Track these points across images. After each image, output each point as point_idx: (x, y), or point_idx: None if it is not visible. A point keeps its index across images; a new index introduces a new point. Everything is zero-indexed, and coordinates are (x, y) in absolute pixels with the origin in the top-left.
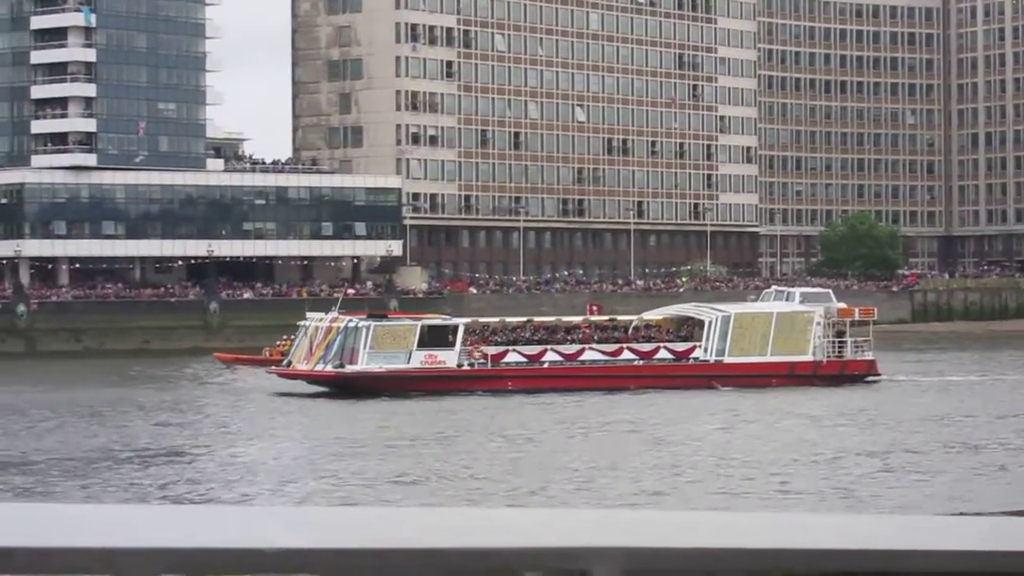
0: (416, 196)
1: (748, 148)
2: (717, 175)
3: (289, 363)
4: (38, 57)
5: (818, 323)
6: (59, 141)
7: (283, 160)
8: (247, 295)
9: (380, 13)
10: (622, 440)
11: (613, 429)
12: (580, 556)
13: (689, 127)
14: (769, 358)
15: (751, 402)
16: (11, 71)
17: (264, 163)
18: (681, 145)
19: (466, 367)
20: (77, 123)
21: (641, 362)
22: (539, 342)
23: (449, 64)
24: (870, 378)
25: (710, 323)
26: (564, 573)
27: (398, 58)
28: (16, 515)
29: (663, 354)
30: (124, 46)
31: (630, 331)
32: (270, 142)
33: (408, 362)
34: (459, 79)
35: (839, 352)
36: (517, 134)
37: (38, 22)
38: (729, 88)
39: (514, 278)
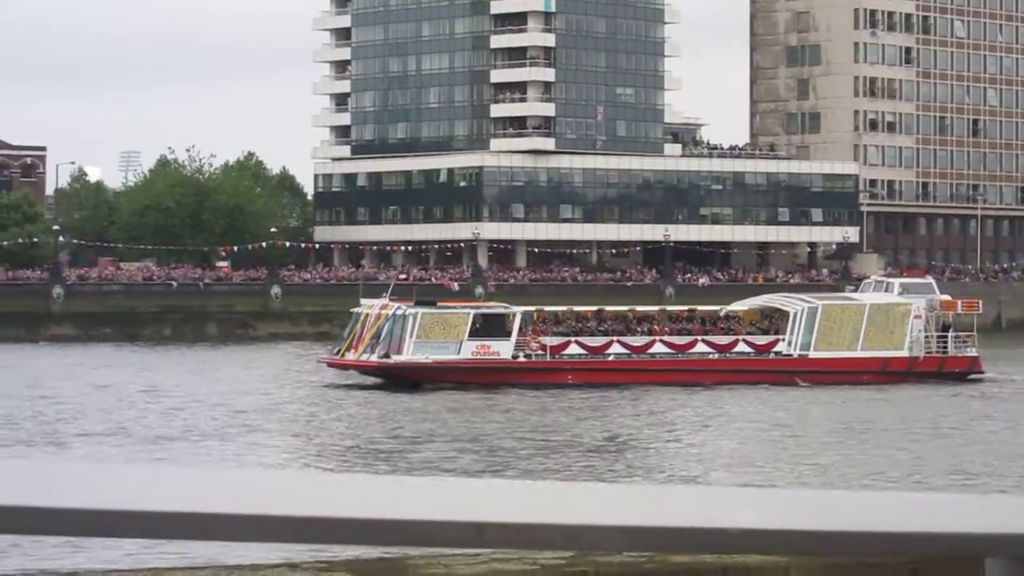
0: (873, 183)
1: None
2: None
3: (339, 352)
4: (498, 41)
5: (917, 316)
6: (518, 125)
7: (740, 145)
8: (702, 280)
9: None
10: None
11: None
12: (975, 542)
13: None
14: (859, 353)
15: None
16: (471, 55)
17: (721, 148)
18: None
19: (521, 359)
20: (536, 107)
21: (717, 356)
22: (605, 333)
23: (907, 50)
24: (972, 376)
25: (795, 315)
26: (958, 559)
27: (856, 44)
28: (485, 491)
29: (742, 347)
30: (583, 31)
31: (708, 323)
32: (727, 127)
33: (458, 353)
34: (917, 65)
35: (940, 348)
36: (975, 121)
37: (498, 7)
38: None
39: (970, 266)
